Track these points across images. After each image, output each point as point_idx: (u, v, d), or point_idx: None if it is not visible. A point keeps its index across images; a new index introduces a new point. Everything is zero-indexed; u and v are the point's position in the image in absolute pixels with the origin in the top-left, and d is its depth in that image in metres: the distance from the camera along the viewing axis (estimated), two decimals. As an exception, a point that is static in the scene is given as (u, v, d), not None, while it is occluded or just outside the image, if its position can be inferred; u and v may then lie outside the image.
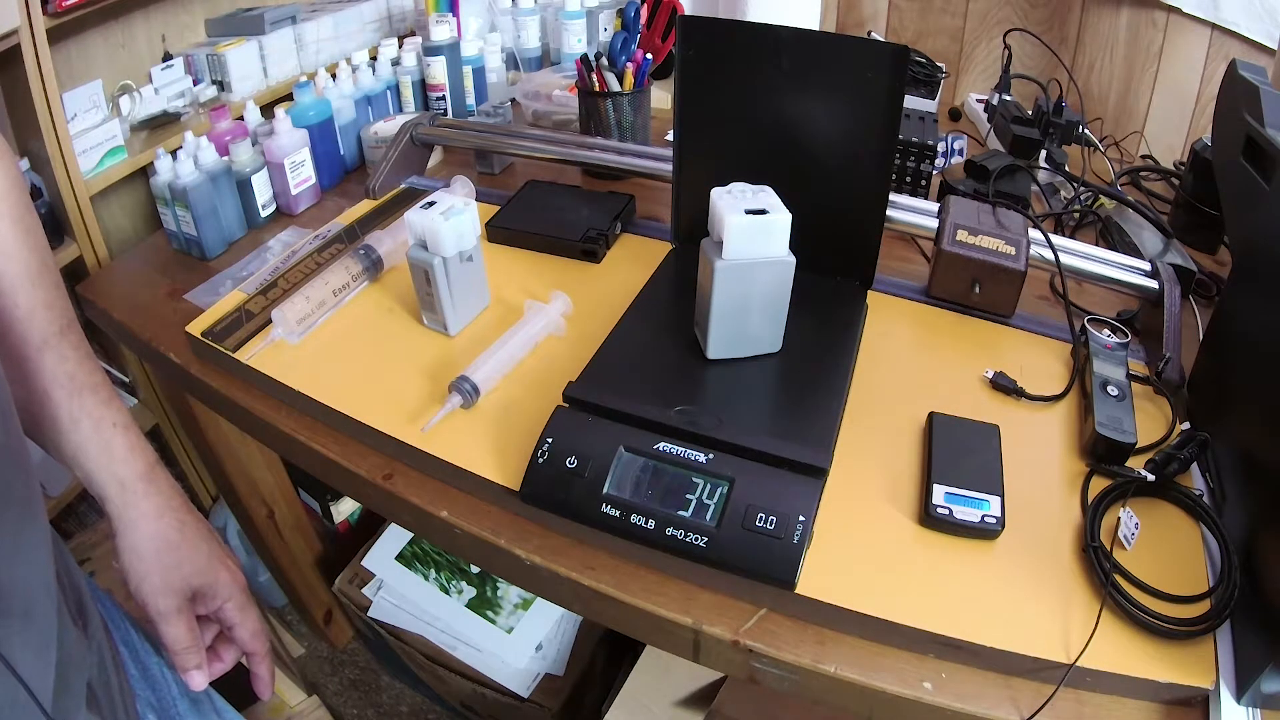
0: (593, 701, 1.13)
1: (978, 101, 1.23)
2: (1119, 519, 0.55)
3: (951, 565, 0.54)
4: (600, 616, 0.58)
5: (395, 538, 1.23)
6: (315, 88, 1.04)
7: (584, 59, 0.98)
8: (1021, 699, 0.49)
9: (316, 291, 0.75)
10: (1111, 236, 0.89)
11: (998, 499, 0.56)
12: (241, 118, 1.04)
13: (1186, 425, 0.63)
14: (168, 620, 0.53)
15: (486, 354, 0.68)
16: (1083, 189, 0.96)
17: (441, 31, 1.13)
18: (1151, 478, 0.57)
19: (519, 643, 1.11)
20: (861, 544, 0.55)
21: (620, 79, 0.98)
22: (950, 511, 0.55)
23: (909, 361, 0.71)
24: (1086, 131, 1.03)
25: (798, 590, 0.51)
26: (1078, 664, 0.48)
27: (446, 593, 1.16)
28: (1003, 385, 0.67)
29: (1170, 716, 0.48)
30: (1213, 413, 0.62)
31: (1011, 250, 0.73)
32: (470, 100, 1.21)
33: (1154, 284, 0.73)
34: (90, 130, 1.03)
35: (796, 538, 0.51)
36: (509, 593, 1.16)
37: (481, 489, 0.61)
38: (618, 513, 0.54)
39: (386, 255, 0.82)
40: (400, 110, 1.18)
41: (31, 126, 0.96)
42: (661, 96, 1.14)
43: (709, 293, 0.60)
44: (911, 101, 1.11)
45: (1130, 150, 1.17)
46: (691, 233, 0.76)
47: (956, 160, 1.04)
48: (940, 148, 0.96)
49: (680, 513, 0.53)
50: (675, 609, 0.54)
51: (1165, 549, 0.54)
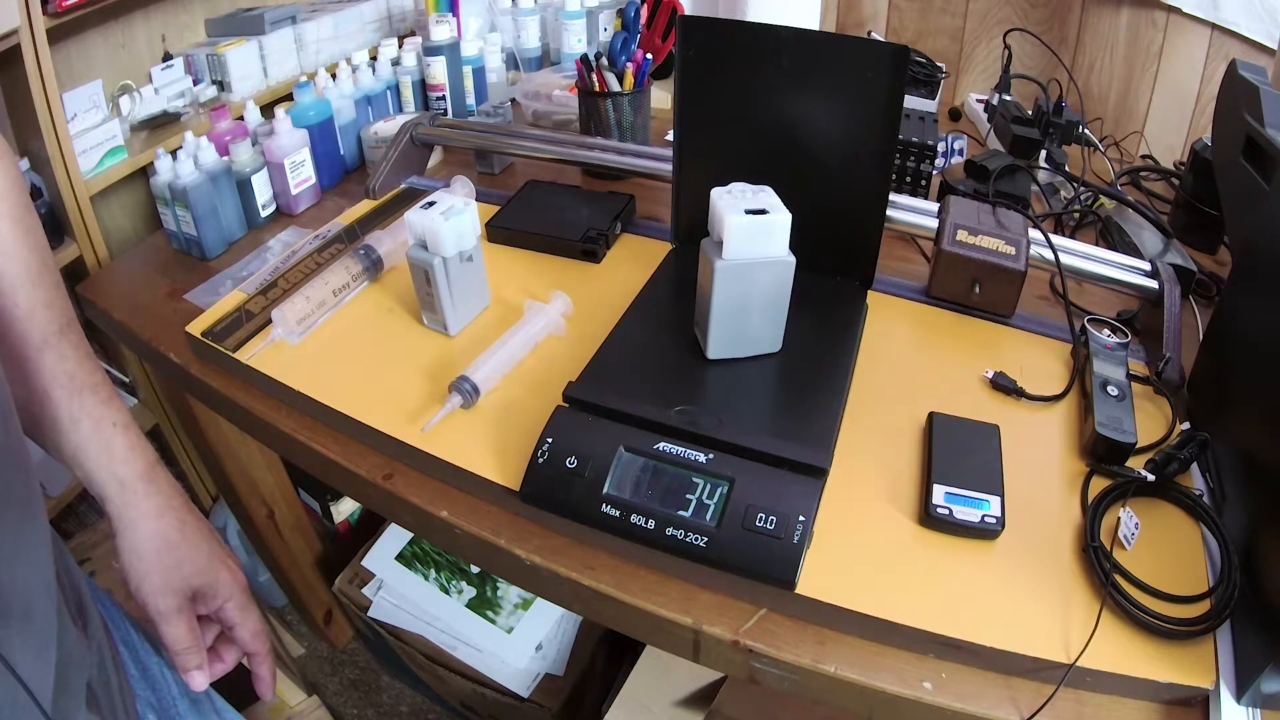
0: (593, 701, 1.13)
1: (978, 101, 1.23)
2: (1119, 519, 0.55)
3: (951, 565, 0.54)
4: (600, 616, 0.58)
5: (395, 538, 1.23)
6: (315, 88, 1.04)
7: (584, 59, 0.98)
8: (1021, 699, 0.49)
9: (316, 291, 0.75)
10: (1111, 236, 0.89)
11: (998, 499, 0.56)
12: (241, 118, 1.04)
13: (1186, 425, 0.63)
14: (168, 620, 0.53)
15: (486, 354, 0.68)
16: (1083, 189, 0.96)
17: (441, 31, 1.13)
18: (1151, 478, 0.57)
19: (519, 643, 1.11)
20: (861, 544, 0.55)
21: (620, 79, 0.98)
22: (950, 511, 0.55)
23: (909, 361, 0.71)
24: (1086, 131, 1.03)
25: (798, 590, 0.51)
26: (1078, 664, 0.48)
27: (446, 593, 1.16)
28: (1003, 385, 0.67)
29: (1170, 716, 0.48)
30: (1213, 413, 0.62)
31: (1011, 250, 0.73)
32: (470, 100, 1.22)
33: (1154, 284, 0.73)
34: (90, 130, 1.03)
35: (796, 538, 0.51)
36: (509, 593, 1.16)
37: (481, 489, 0.61)
38: (618, 513, 0.54)
39: (386, 255, 0.82)
40: (400, 110, 1.18)
41: (31, 126, 0.96)
42: (661, 96, 1.14)
43: (709, 293, 0.60)
44: (911, 101, 1.11)
45: (1130, 150, 1.17)
46: (691, 233, 0.76)
47: (956, 160, 1.04)
48: (940, 148, 0.96)
49: (680, 513, 0.53)
50: (675, 609, 0.54)
51: (1165, 549, 0.54)
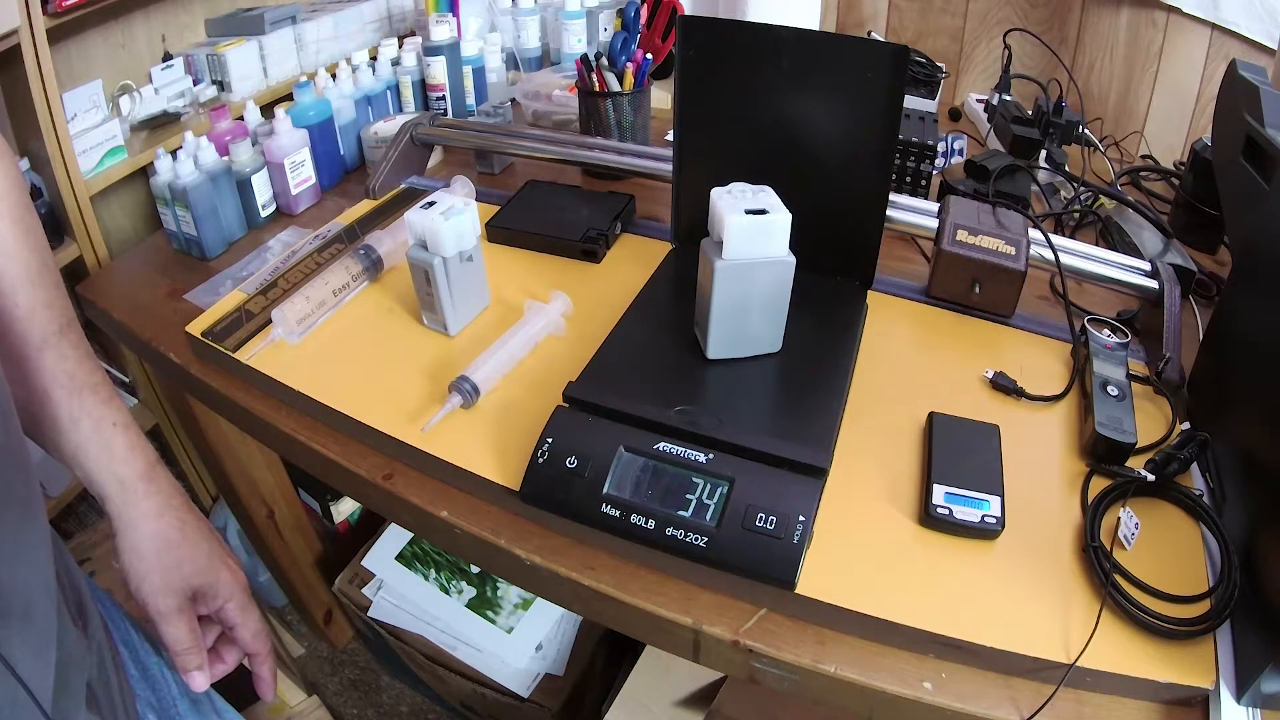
0: (593, 701, 1.13)
1: (978, 101, 1.23)
2: (1119, 519, 0.55)
3: (951, 565, 0.54)
4: (600, 616, 0.58)
5: (395, 538, 1.23)
6: (315, 88, 1.04)
7: (584, 59, 0.98)
8: (1021, 699, 0.49)
9: (316, 291, 0.75)
10: (1111, 236, 0.89)
11: (998, 499, 0.56)
12: (241, 118, 1.04)
13: (1186, 425, 0.63)
14: (168, 620, 0.52)
15: (486, 354, 0.68)
16: (1083, 189, 0.96)
17: (441, 31, 1.13)
18: (1151, 478, 0.57)
19: (519, 643, 1.11)
20: (861, 544, 0.55)
21: (620, 79, 0.98)
22: (950, 511, 0.55)
23: (909, 361, 0.71)
24: (1086, 131, 1.03)
25: (798, 590, 0.51)
26: (1078, 664, 0.48)
27: (446, 593, 1.16)
28: (1003, 385, 0.67)
29: (1170, 716, 0.48)
30: (1213, 413, 0.62)
31: (1011, 250, 0.73)
32: (470, 100, 1.21)
33: (1154, 284, 0.73)
34: (90, 130, 1.03)
35: (796, 538, 0.51)
36: (509, 593, 1.16)
37: (481, 489, 0.61)
38: (618, 513, 0.54)
39: (386, 255, 0.82)
40: (400, 110, 1.18)
41: (31, 126, 0.96)
42: (661, 96, 1.14)
43: (709, 293, 0.60)
44: (911, 101, 1.11)
45: (1130, 150, 1.17)
46: (691, 233, 0.76)
47: (956, 160, 1.04)
48: (940, 148, 0.96)
49: (680, 513, 0.53)
50: (675, 609, 0.54)
51: (1165, 549, 0.54)
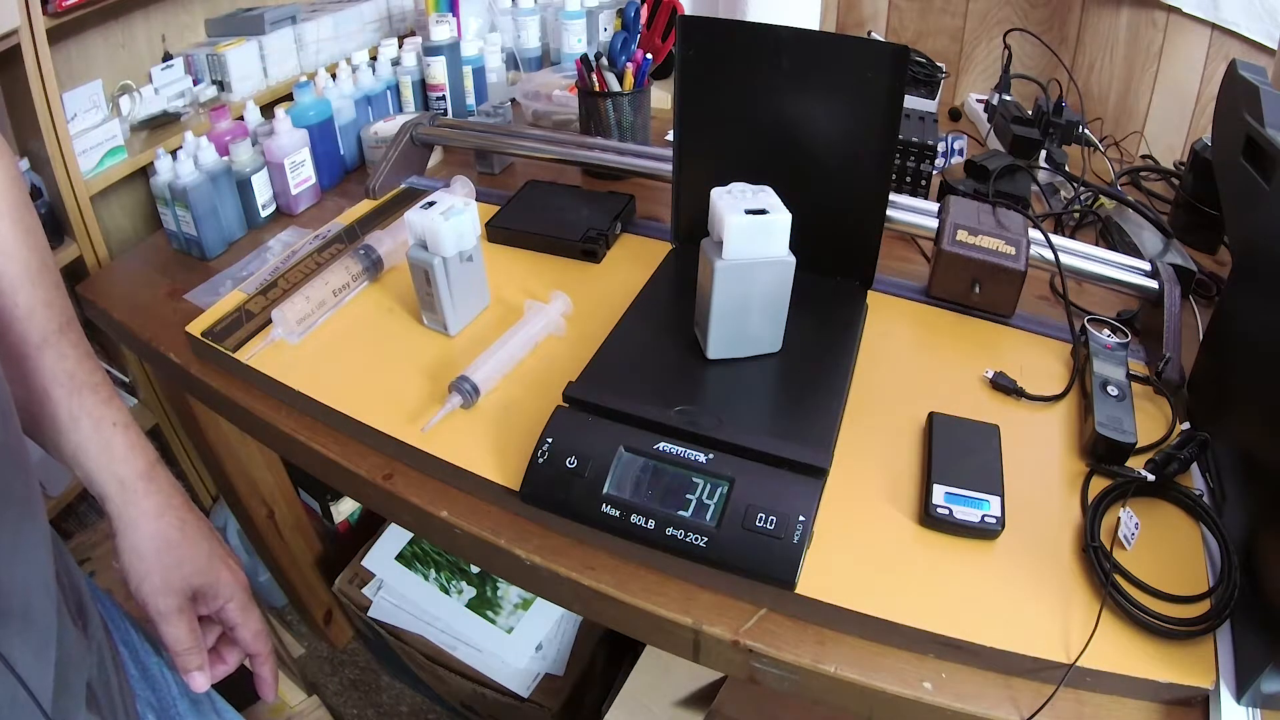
0: (593, 701, 1.13)
1: (978, 101, 1.23)
2: (1119, 519, 0.55)
3: (951, 565, 0.54)
4: (600, 616, 0.58)
5: (395, 538, 1.23)
6: (315, 88, 1.04)
7: (584, 59, 0.98)
8: (1021, 699, 0.49)
9: (316, 291, 0.75)
10: (1111, 236, 0.89)
11: (998, 499, 0.56)
12: (241, 118, 1.04)
13: (1186, 425, 0.63)
14: (168, 620, 0.52)
15: (486, 354, 0.68)
16: (1083, 189, 0.96)
17: (441, 31, 1.13)
18: (1151, 478, 0.57)
19: (519, 643, 1.11)
20: (861, 544, 0.55)
21: (620, 79, 0.98)
22: (950, 511, 0.55)
23: (909, 361, 0.71)
24: (1086, 131, 1.03)
25: (798, 590, 0.51)
26: (1078, 664, 0.48)
27: (446, 593, 1.16)
28: (1003, 385, 0.67)
29: (1170, 716, 0.48)
30: (1213, 413, 0.62)
31: (1011, 250, 0.73)
32: (470, 100, 1.21)
33: (1154, 284, 0.73)
34: (90, 130, 1.03)
35: (796, 538, 0.51)
36: (509, 593, 1.16)
37: (481, 489, 0.61)
38: (618, 513, 0.54)
39: (386, 255, 0.82)
40: (400, 110, 1.18)
41: (31, 126, 0.96)
42: (661, 96, 1.14)
43: (709, 293, 0.60)
44: (911, 101, 1.11)
45: (1130, 150, 1.17)
46: (691, 233, 0.76)
47: (956, 160, 1.04)
48: (940, 148, 0.96)
49: (680, 513, 0.53)
50: (675, 609, 0.54)
51: (1165, 549, 0.54)
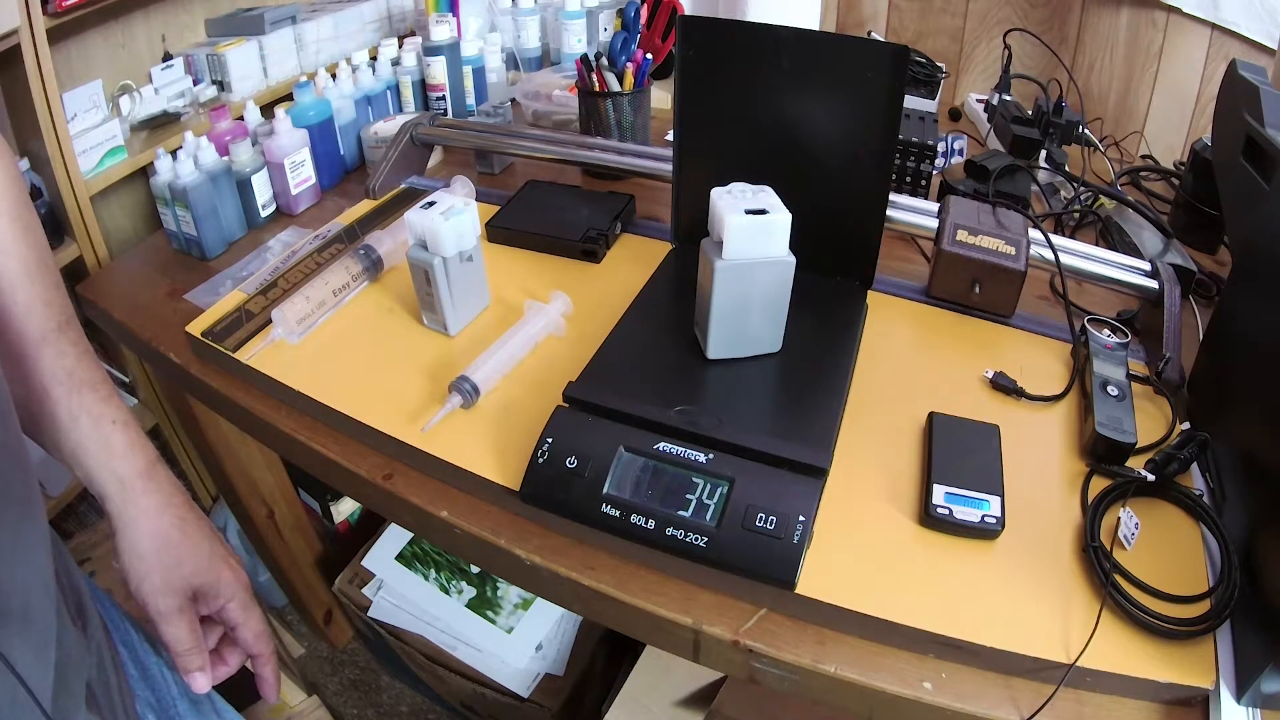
0: (593, 701, 1.13)
1: (978, 101, 1.23)
2: (1119, 519, 0.55)
3: (951, 565, 0.54)
4: (600, 616, 0.58)
5: (395, 538, 1.23)
6: (315, 88, 1.04)
7: (584, 59, 0.98)
8: (1021, 699, 0.49)
9: (316, 291, 0.75)
10: (1111, 236, 0.89)
11: (998, 499, 0.56)
12: (241, 118, 1.04)
13: (1186, 425, 0.63)
14: (168, 620, 0.52)
15: (486, 354, 0.68)
16: (1083, 189, 0.96)
17: (441, 31, 1.13)
18: (1151, 478, 0.57)
19: (519, 643, 1.11)
20: (861, 544, 0.55)
21: (620, 79, 0.98)
22: (950, 511, 0.55)
23: (909, 361, 0.71)
24: (1086, 131, 1.03)
25: (798, 590, 0.51)
26: (1078, 664, 0.48)
27: (446, 593, 1.16)
28: (1003, 385, 0.67)
29: (1170, 716, 0.48)
30: (1213, 413, 0.62)
31: (1011, 250, 0.73)
32: (470, 100, 1.21)
33: (1154, 284, 0.73)
34: (90, 130, 1.03)
35: (796, 538, 0.51)
36: (509, 593, 1.16)
37: (481, 489, 0.61)
38: (618, 513, 0.54)
39: (386, 255, 0.82)
40: (400, 110, 1.18)
41: (31, 126, 0.96)
42: (661, 96, 1.14)
43: (709, 293, 0.60)
44: (911, 101, 1.11)
45: (1130, 150, 1.17)
46: (691, 233, 0.76)
47: (956, 160, 1.04)
48: (940, 148, 0.96)
49: (680, 513, 0.53)
50: (675, 609, 0.54)
51: (1165, 549, 0.54)
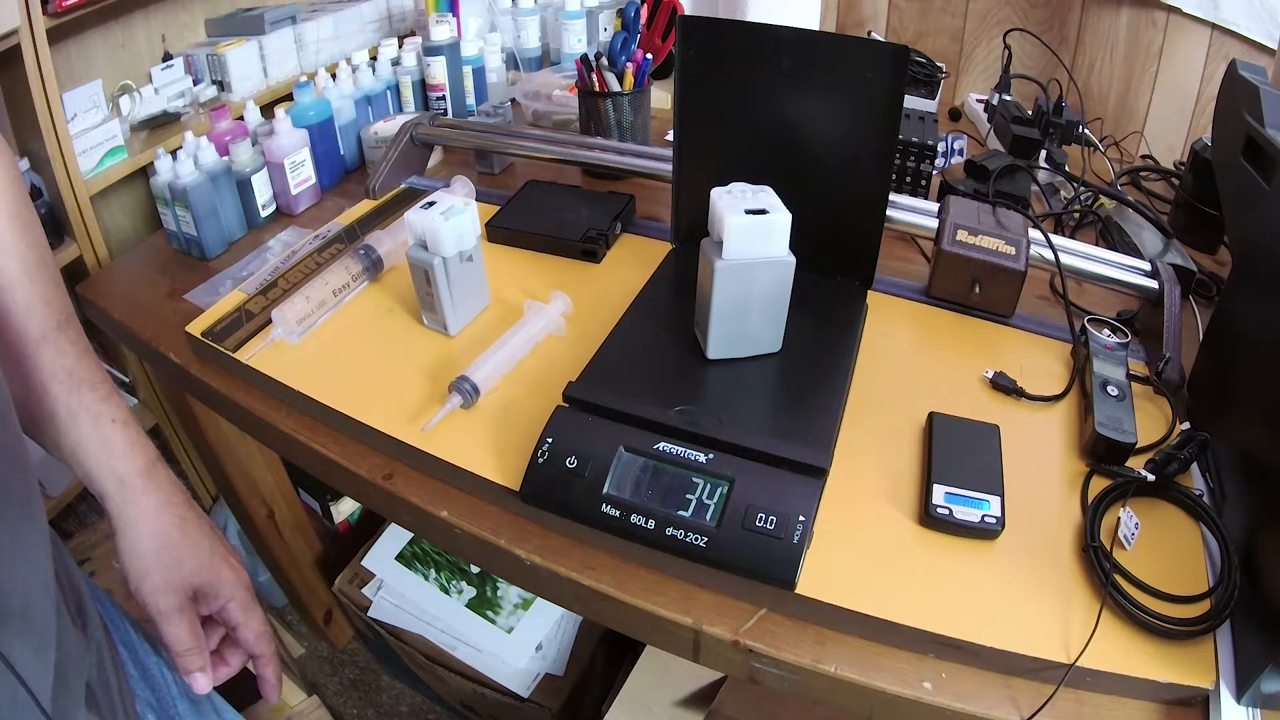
0: (593, 701, 1.13)
1: (978, 101, 1.23)
2: (1119, 519, 0.55)
3: (951, 565, 0.54)
4: (600, 616, 0.58)
5: (395, 538, 1.23)
6: (315, 88, 1.04)
7: (584, 59, 0.98)
8: (1021, 699, 0.49)
9: (316, 291, 0.75)
10: (1111, 236, 0.89)
11: (998, 499, 0.56)
12: (241, 118, 1.04)
13: (1186, 425, 0.63)
14: (169, 620, 0.52)
15: (486, 354, 0.68)
16: (1083, 189, 0.96)
17: (441, 31, 1.13)
18: (1151, 478, 0.57)
19: (519, 643, 1.11)
20: (861, 544, 0.55)
21: (620, 79, 0.98)
22: (950, 511, 0.55)
23: (909, 361, 0.71)
24: (1086, 131, 1.03)
25: (798, 590, 0.51)
26: (1078, 664, 0.48)
27: (446, 593, 1.16)
28: (1003, 385, 0.67)
29: (1170, 716, 0.48)
30: (1213, 413, 0.62)
31: (1011, 250, 0.73)
32: (470, 100, 1.21)
33: (1154, 284, 0.73)
34: (90, 130, 1.03)
35: (796, 538, 0.51)
36: (509, 593, 1.16)
37: (481, 489, 0.61)
38: (618, 513, 0.54)
39: (386, 255, 0.82)
40: (400, 110, 1.18)
41: (31, 126, 0.96)
42: (661, 96, 1.14)
43: (709, 293, 0.60)
44: (911, 101, 1.11)
45: (1130, 150, 1.17)
46: (691, 233, 0.76)
47: (956, 160, 1.04)
48: (940, 148, 0.96)
49: (680, 513, 0.53)
50: (675, 609, 0.54)
51: (1165, 549, 0.54)
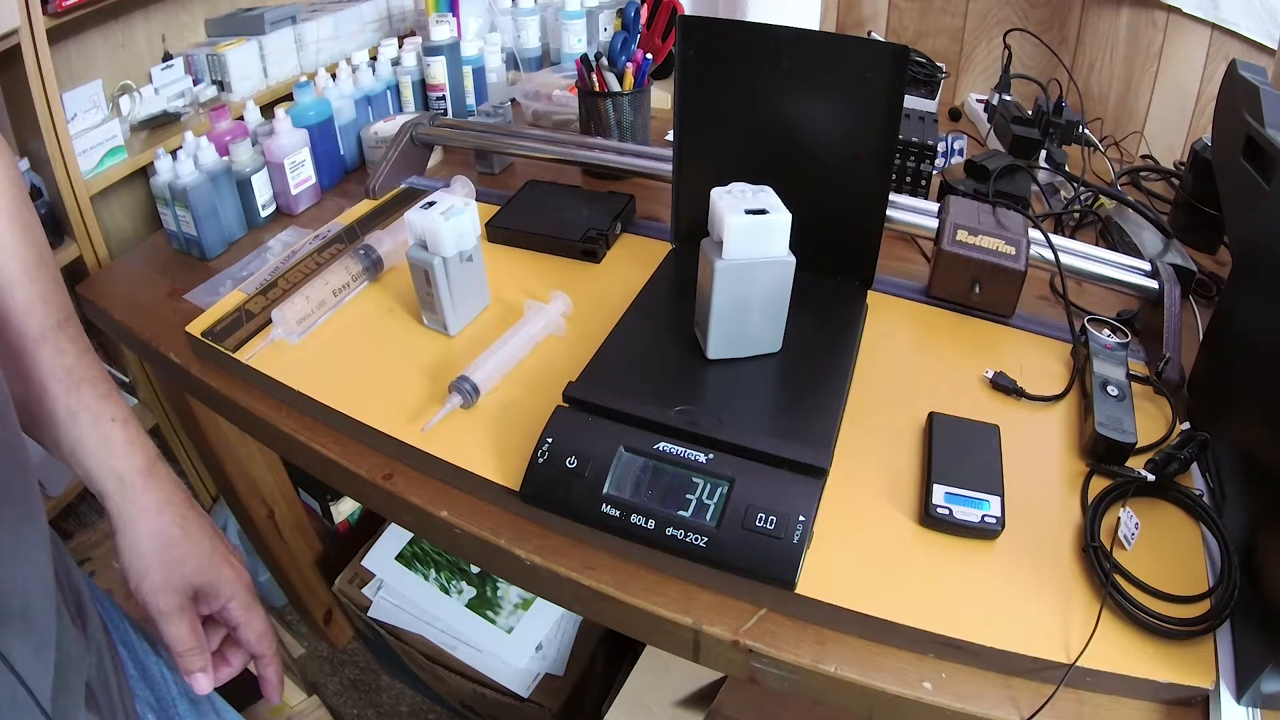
0: (593, 701, 1.13)
1: (978, 101, 1.23)
2: (1119, 519, 0.55)
3: (951, 565, 0.54)
4: (600, 616, 0.58)
5: (395, 538, 1.23)
6: (315, 88, 1.04)
7: (584, 59, 0.98)
8: (1021, 699, 0.49)
9: (316, 291, 0.75)
10: (1111, 236, 0.89)
11: (998, 499, 0.56)
12: (241, 118, 1.04)
13: (1186, 425, 0.63)
14: (169, 619, 0.52)
15: (486, 354, 0.68)
16: (1083, 189, 0.96)
17: (441, 31, 1.13)
18: (1151, 478, 0.57)
19: (519, 643, 1.11)
20: (861, 544, 0.55)
21: (620, 79, 0.98)
22: (950, 511, 0.55)
23: (909, 361, 0.71)
24: (1086, 131, 1.03)
25: (798, 590, 0.51)
26: (1078, 664, 0.48)
27: (446, 593, 1.16)
28: (1003, 385, 0.67)
29: (1170, 716, 0.48)
30: (1213, 413, 0.62)
31: (1011, 250, 0.73)
32: (470, 100, 1.22)
33: (1154, 284, 0.73)
34: (90, 130, 1.03)
35: (796, 538, 0.51)
36: (509, 593, 1.16)
37: (481, 489, 0.61)
38: (618, 513, 0.54)
39: (386, 255, 0.82)
40: (400, 110, 1.18)
41: (31, 126, 0.96)
42: (661, 96, 1.14)
43: (709, 293, 0.60)
44: (911, 101, 1.11)
45: (1130, 150, 1.17)
46: (691, 233, 0.76)
47: (956, 160, 1.04)
48: (940, 148, 0.96)
49: (680, 513, 0.53)
50: (675, 609, 0.54)
51: (1165, 549, 0.54)
